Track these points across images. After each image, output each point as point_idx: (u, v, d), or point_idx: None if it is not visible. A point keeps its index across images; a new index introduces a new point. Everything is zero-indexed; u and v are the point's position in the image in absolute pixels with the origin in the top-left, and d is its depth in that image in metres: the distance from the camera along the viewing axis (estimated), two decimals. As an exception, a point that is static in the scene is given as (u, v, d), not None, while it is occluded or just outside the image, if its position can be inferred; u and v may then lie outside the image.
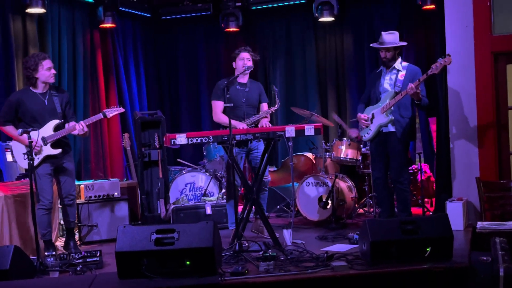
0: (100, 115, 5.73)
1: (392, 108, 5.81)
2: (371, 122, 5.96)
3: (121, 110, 5.86)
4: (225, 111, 5.70)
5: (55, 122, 5.54)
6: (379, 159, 6.01)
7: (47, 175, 5.52)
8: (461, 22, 6.23)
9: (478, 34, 6.17)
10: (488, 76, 6.17)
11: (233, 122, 5.51)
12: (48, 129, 5.50)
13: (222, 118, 6.01)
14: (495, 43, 6.16)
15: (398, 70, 5.90)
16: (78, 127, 5.52)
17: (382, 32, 5.94)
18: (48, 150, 5.49)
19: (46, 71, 5.51)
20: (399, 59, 5.96)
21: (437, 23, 6.71)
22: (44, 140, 5.47)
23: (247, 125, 5.89)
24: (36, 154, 5.39)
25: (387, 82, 5.94)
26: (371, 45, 6.10)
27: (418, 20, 8.44)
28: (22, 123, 5.49)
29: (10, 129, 5.52)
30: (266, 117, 6.11)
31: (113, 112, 5.78)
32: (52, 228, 5.70)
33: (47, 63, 5.52)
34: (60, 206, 6.06)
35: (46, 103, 5.54)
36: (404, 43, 5.98)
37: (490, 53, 6.16)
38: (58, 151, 5.52)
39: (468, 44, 6.20)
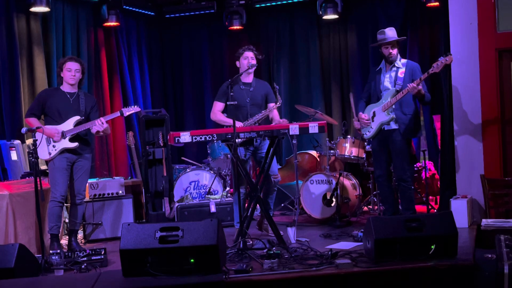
0: (117, 113, 5.95)
1: (394, 106, 5.81)
2: (372, 120, 5.95)
3: (138, 109, 6.08)
4: (229, 110, 5.70)
5: (76, 118, 5.73)
6: (381, 156, 6.00)
7: (62, 169, 5.65)
8: (465, 19, 6.21)
9: (483, 31, 6.16)
10: (493, 73, 6.15)
11: (231, 121, 5.52)
12: (68, 124, 5.69)
13: (218, 116, 6.10)
14: (500, 40, 6.14)
15: (398, 68, 5.90)
16: (98, 122, 5.69)
17: (385, 30, 5.93)
18: (65, 143, 5.65)
19: (66, 71, 5.74)
20: (398, 56, 5.95)
21: (441, 21, 6.69)
22: (63, 134, 5.65)
23: (251, 125, 5.89)
24: (54, 146, 5.62)
25: (387, 80, 5.94)
26: (376, 43, 6.04)
27: (422, 17, 8.42)
28: (48, 118, 5.74)
29: (33, 121, 5.71)
30: (268, 115, 6.12)
31: (130, 110, 6.00)
32: (60, 223, 5.74)
33: (68, 65, 5.75)
34: (68, 204, 6.08)
35: (71, 102, 5.75)
36: (404, 37, 6.01)
37: (495, 50, 6.15)
38: (75, 144, 5.67)
39: (472, 41, 6.19)
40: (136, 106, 6.13)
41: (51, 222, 5.61)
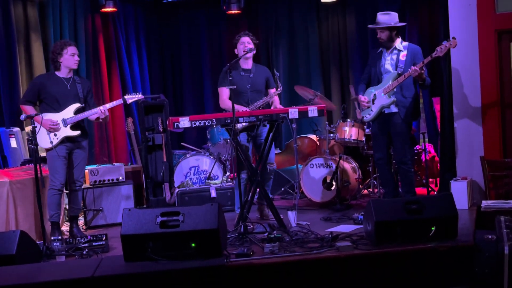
0: (120, 101, 5.91)
1: (395, 89, 5.79)
2: (373, 103, 5.94)
3: (141, 96, 6.05)
4: (230, 95, 5.68)
5: (77, 105, 5.68)
6: (382, 139, 5.99)
7: (62, 157, 5.62)
8: (464, 0, 6.17)
9: (482, 12, 6.12)
10: (492, 55, 6.13)
11: (236, 106, 5.52)
12: (69, 112, 5.64)
13: (229, 105, 5.97)
14: (499, 21, 6.11)
15: (399, 50, 5.86)
16: (99, 111, 5.67)
17: (378, 13, 5.91)
18: (67, 131, 5.62)
19: (70, 57, 5.66)
20: (399, 39, 5.90)
21: (441, 2, 6.65)
22: (65, 122, 5.61)
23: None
24: (55, 135, 5.56)
25: (388, 63, 5.90)
26: (368, 26, 6.06)
27: (421, -1, 8.39)
28: (44, 105, 5.65)
29: (29, 109, 5.63)
30: (269, 101, 6.11)
31: (133, 98, 5.96)
32: (60, 210, 5.75)
33: (71, 49, 5.67)
34: (67, 191, 6.08)
35: (69, 88, 5.68)
36: (401, 24, 5.90)
37: (494, 31, 6.12)
38: (77, 132, 5.66)
39: (471, 23, 6.15)
40: (139, 93, 6.08)
41: (51, 211, 5.60)
